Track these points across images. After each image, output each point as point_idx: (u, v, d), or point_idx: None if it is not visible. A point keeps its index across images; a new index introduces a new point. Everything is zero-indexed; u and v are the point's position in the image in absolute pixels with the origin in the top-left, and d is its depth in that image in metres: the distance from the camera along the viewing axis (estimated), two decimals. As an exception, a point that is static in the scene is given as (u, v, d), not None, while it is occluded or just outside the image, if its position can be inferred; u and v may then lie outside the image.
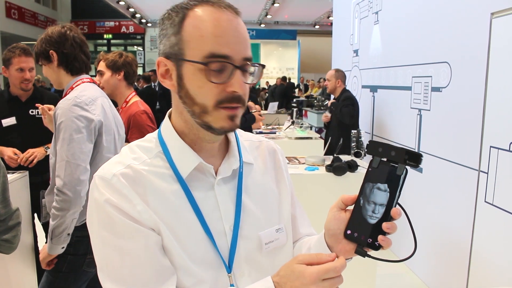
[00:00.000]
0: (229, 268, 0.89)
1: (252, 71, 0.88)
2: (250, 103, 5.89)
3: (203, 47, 0.82)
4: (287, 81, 13.61)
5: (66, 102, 1.80)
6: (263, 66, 0.91)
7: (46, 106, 2.10)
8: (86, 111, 1.80)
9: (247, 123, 4.80)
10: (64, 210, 1.72)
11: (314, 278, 0.75)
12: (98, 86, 2.69)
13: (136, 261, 0.81)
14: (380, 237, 0.78)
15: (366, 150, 0.87)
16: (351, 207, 0.85)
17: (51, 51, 1.90)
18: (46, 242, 1.81)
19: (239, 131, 1.02)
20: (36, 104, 2.46)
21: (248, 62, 0.85)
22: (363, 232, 0.80)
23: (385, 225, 0.78)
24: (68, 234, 1.76)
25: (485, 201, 2.68)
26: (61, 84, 1.97)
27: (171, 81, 0.87)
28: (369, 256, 0.82)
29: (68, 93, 1.90)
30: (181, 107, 0.88)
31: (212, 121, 0.85)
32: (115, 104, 2.78)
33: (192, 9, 0.84)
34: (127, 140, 2.55)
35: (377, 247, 0.79)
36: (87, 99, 1.84)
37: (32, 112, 2.86)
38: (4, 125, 2.80)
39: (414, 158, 0.78)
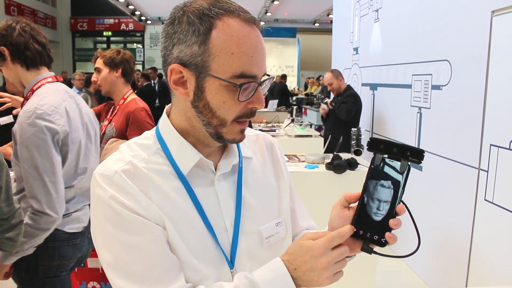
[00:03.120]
0: (231, 264, 0.89)
1: (265, 83, 0.88)
2: None
3: (234, 65, 0.81)
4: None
5: (25, 116, 1.61)
6: (273, 78, 0.92)
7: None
8: (50, 121, 1.62)
9: None
10: (47, 230, 1.63)
11: (323, 249, 0.77)
12: (95, 83, 2.67)
13: (146, 256, 0.81)
14: (387, 234, 0.79)
15: (367, 147, 0.87)
16: (354, 205, 0.85)
17: (1, 47, 1.71)
18: None
19: None
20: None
21: (265, 76, 0.87)
22: (369, 229, 0.80)
23: (392, 222, 0.79)
24: (35, 247, 1.67)
25: (485, 199, 2.68)
26: (22, 83, 1.80)
27: (186, 90, 0.85)
28: (375, 252, 0.82)
29: (29, 97, 1.75)
30: (191, 114, 0.87)
31: (225, 133, 0.87)
32: (111, 100, 2.77)
33: (220, 19, 0.81)
34: (126, 137, 2.54)
35: (384, 244, 0.80)
36: (49, 108, 1.64)
37: None
38: (1, 123, 2.78)
39: (416, 154, 0.79)
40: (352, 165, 3.06)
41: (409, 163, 0.79)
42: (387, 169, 0.81)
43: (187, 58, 0.82)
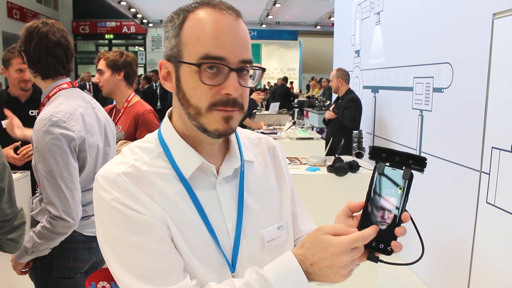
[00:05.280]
0: (232, 268, 0.89)
1: (251, 73, 0.88)
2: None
3: (199, 48, 0.82)
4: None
5: (41, 123, 1.62)
6: (263, 70, 0.90)
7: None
8: (66, 128, 1.64)
9: (249, 110, 4.77)
10: (63, 234, 1.65)
11: (345, 247, 0.76)
12: (98, 84, 2.67)
13: (154, 255, 0.81)
14: (393, 242, 0.78)
15: (369, 156, 0.87)
16: (357, 214, 0.84)
17: (21, 51, 1.74)
18: None
19: (238, 129, 1.01)
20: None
21: (247, 65, 0.85)
22: (374, 238, 0.79)
23: (398, 230, 0.78)
24: (50, 248, 1.70)
25: (486, 202, 2.67)
26: (40, 85, 1.82)
27: (171, 83, 0.88)
28: (381, 261, 0.82)
29: (45, 103, 1.77)
30: (180, 110, 0.88)
31: (206, 123, 0.85)
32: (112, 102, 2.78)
33: (193, 11, 0.85)
34: (136, 139, 2.55)
35: (389, 252, 0.79)
36: (64, 115, 1.65)
37: (32, 113, 2.84)
38: (3, 126, 2.79)
39: (419, 162, 0.79)
40: (353, 167, 3.06)
41: (412, 171, 0.79)
42: (390, 177, 0.80)
43: (168, 52, 0.87)
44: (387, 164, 0.81)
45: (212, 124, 0.85)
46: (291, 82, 18.23)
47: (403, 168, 0.79)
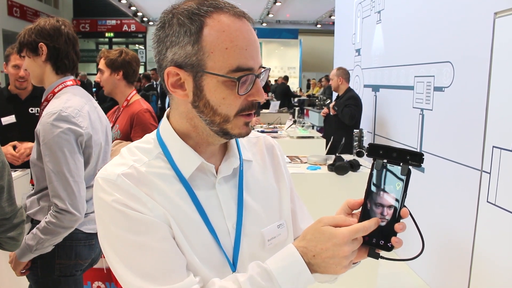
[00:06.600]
0: (233, 266, 0.89)
1: (262, 75, 0.89)
2: None
3: (229, 60, 0.81)
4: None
5: (49, 117, 1.64)
6: (269, 69, 0.92)
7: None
8: (74, 124, 1.66)
9: None
10: (69, 228, 1.66)
11: (347, 238, 0.77)
12: (99, 84, 2.67)
13: (157, 254, 0.81)
14: (394, 238, 0.79)
15: (366, 153, 0.88)
16: (357, 211, 0.84)
17: (41, 43, 1.74)
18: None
19: None
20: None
21: (262, 69, 0.87)
22: (374, 235, 0.80)
23: (398, 226, 0.79)
24: (53, 245, 1.70)
25: (487, 201, 2.67)
26: (43, 81, 1.82)
27: (184, 91, 0.85)
28: (382, 257, 0.82)
29: (50, 99, 1.78)
30: (192, 114, 0.87)
31: (230, 128, 0.86)
32: (115, 101, 2.77)
33: (210, 17, 0.82)
34: (131, 139, 2.54)
35: (390, 248, 0.80)
36: (73, 111, 1.68)
37: (31, 110, 2.84)
38: (3, 123, 2.79)
39: (416, 158, 0.79)
40: (354, 166, 3.05)
41: (409, 166, 0.79)
42: (388, 174, 0.81)
43: (182, 59, 0.83)
44: (385, 161, 0.81)
45: (235, 129, 0.87)
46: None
47: (401, 164, 0.80)
